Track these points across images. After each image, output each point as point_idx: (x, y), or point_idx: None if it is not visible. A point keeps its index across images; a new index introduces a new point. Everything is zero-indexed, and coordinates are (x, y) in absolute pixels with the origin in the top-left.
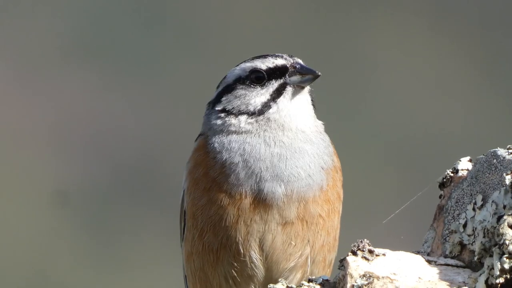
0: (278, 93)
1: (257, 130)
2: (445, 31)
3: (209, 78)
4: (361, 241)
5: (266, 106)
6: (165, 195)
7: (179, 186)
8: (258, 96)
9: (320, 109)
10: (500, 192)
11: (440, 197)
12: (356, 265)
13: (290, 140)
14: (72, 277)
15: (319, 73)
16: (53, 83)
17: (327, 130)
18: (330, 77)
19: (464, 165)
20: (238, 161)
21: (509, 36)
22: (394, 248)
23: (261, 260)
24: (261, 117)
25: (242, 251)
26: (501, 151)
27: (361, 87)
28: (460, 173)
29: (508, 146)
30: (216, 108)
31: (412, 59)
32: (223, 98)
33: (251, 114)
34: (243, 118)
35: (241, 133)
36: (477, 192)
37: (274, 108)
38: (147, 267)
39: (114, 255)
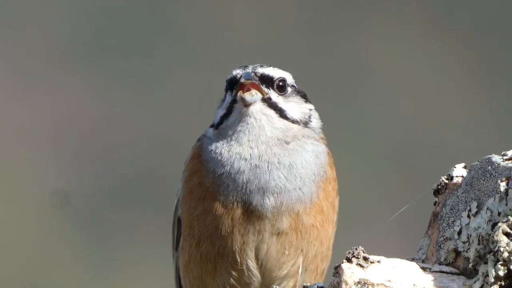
0: (231, 106)
1: (225, 143)
2: (444, 35)
3: (209, 83)
4: (356, 248)
5: (222, 120)
6: (165, 195)
7: (178, 187)
8: (220, 109)
9: (318, 111)
10: (494, 199)
11: (434, 204)
12: (351, 272)
13: (265, 152)
14: (71, 279)
15: (242, 80)
16: (51, 85)
17: (325, 134)
18: (328, 80)
19: (459, 172)
20: (223, 172)
21: (507, 40)
22: (389, 254)
23: (257, 268)
24: (217, 131)
25: (239, 260)
26: (496, 158)
27: (359, 91)
28: (455, 180)
29: (502, 153)
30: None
31: (410, 62)
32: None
33: (215, 127)
34: (210, 130)
35: (219, 145)
36: (472, 199)
37: (224, 123)
38: (147, 267)
39: (114, 256)
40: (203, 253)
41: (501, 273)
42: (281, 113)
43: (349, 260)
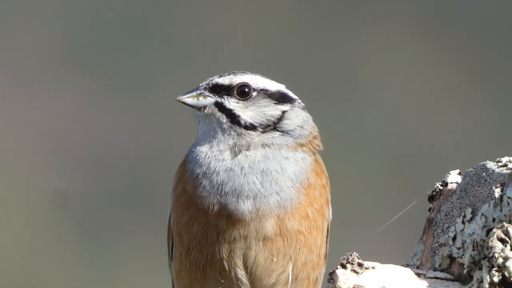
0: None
1: (201, 144)
2: (441, 41)
3: None
4: (350, 254)
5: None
6: (162, 198)
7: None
8: None
9: (315, 115)
10: (489, 205)
11: (429, 210)
12: (346, 278)
13: (233, 156)
14: (70, 280)
15: (177, 98)
16: (50, 90)
17: (323, 138)
18: (326, 85)
19: (453, 178)
20: (199, 172)
21: (503, 45)
22: (384, 260)
23: (246, 276)
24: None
25: (227, 267)
26: (490, 164)
27: (357, 96)
28: (449, 186)
29: (497, 159)
30: None
31: (408, 67)
32: None
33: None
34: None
35: (198, 146)
36: (466, 205)
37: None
38: (146, 269)
39: (112, 257)
40: (192, 261)
41: (495, 279)
42: (233, 119)
43: (343, 266)
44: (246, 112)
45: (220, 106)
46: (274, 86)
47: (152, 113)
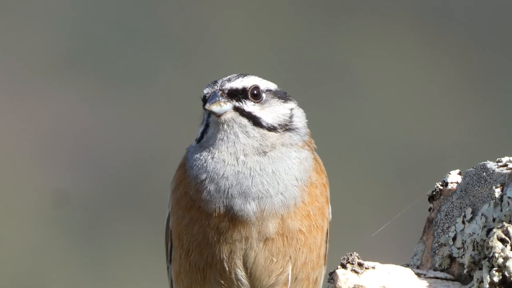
0: (208, 120)
1: (206, 151)
2: (438, 42)
3: (200, 90)
4: (351, 254)
5: (202, 134)
6: (160, 201)
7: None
8: (201, 126)
9: (310, 120)
10: (489, 205)
11: (429, 210)
12: (346, 278)
13: (247, 159)
14: (68, 282)
15: (208, 107)
16: (45, 94)
17: (316, 142)
18: (322, 88)
19: (454, 178)
20: (206, 177)
21: (501, 46)
22: (384, 260)
23: (246, 277)
24: (199, 145)
25: (227, 268)
26: (491, 164)
27: (355, 98)
28: (449, 186)
29: (497, 159)
30: None
31: (406, 69)
32: None
33: (198, 141)
34: (194, 142)
35: (202, 153)
36: (466, 205)
37: (204, 137)
38: (144, 271)
39: (110, 259)
40: (192, 262)
41: (495, 279)
42: (255, 121)
43: (343, 266)
44: (264, 113)
45: (240, 110)
46: (273, 85)
47: (152, 115)
